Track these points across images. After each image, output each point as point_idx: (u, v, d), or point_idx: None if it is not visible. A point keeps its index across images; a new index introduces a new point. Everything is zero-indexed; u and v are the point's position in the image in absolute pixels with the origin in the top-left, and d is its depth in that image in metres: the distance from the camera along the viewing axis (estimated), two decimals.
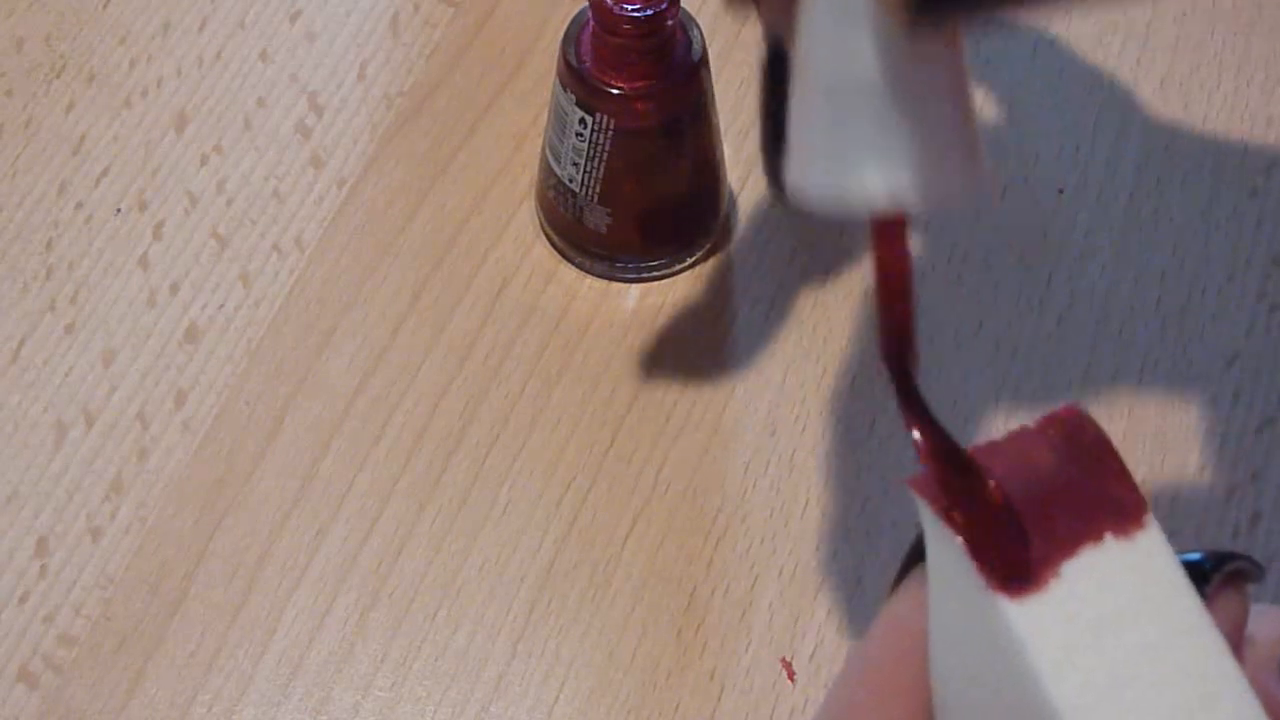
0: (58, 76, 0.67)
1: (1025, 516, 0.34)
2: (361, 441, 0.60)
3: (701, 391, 0.61)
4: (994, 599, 0.33)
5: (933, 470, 0.35)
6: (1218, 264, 0.64)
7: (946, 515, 0.34)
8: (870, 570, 0.58)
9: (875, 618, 0.36)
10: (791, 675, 0.56)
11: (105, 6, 0.69)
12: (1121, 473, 0.34)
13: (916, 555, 0.36)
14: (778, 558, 0.58)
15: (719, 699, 0.56)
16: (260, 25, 0.69)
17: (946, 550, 0.34)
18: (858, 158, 0.37)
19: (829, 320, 0.63)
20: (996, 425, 0.60)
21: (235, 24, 0.69)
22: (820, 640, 0.57)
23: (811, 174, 0.38)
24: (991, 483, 0.34)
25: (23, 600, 0.57)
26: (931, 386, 0.62)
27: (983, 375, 0.62)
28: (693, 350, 0.62)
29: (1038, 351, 0.62)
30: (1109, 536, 0.34)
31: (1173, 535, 0.61)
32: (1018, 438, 0.35)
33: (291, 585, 0.57)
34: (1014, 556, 0.33)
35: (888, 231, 0.38)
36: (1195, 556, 0.35)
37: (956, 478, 0.35)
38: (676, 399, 0.61)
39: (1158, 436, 0.60)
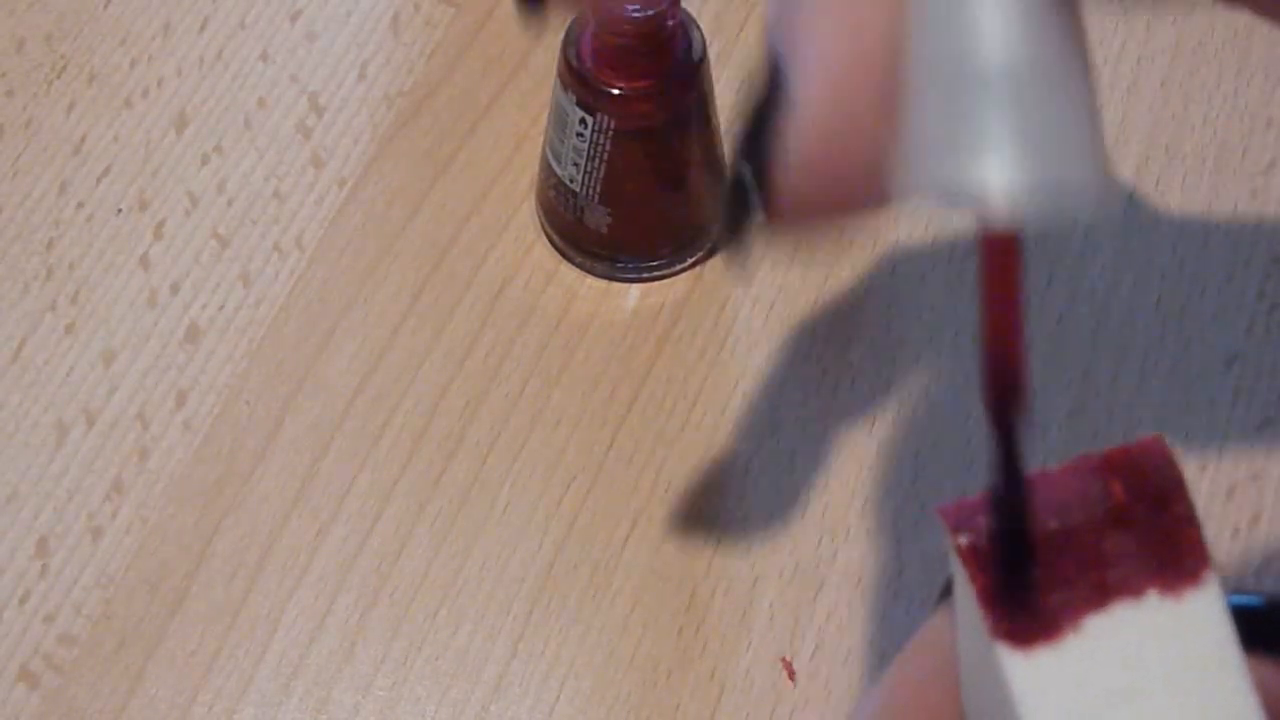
0: (58, 77, 0.67)
1: (1059, 558, 0.31)
2: (361, 441, 0.60)
3: (701, 391, 0.61)
4: (994, 645, 0.30)
5: (989, 544, 0.31)
6: (1218, 264, 0.64)
7: (962, 551, 0.31)
8: (870, 570, 0.58)
9: (912, 634, 0.34)
10: (791, 675, 0.56)
11: (106, 6, 0.69)
12: (1188, 519, 0.31)
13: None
14: (778, 558, 0.58)
15: (719, 699, 0.56)
16: (260, 25, 0.69)
17: (964, 583, 0.31)
18: (978, 149, 0.33)
19: (829, 320, 0.63)
20: None
21: (235, 24, 0.69)
22: (820, 640, 0.57)
23: (924, 168, 0.34)
24: (1028, 520, 0.31)
25: (23, 600, 0.57)
26: (932, 387, 0.62)
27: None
28: (693, 350, 0.62)
29: (1038, 351, 0.62)
30: (1152, 592, 0.30)
31: None
32: (1077, 466, 0.32)
33: (291, 585, 0.57)
34: (1029, 601, 0.30)
35: (999, 246, 0.33)
36: (1254, 600, 0.31)
37: (1013, 556, 0.31)
38: (676, 399, 0.61)
39: None
